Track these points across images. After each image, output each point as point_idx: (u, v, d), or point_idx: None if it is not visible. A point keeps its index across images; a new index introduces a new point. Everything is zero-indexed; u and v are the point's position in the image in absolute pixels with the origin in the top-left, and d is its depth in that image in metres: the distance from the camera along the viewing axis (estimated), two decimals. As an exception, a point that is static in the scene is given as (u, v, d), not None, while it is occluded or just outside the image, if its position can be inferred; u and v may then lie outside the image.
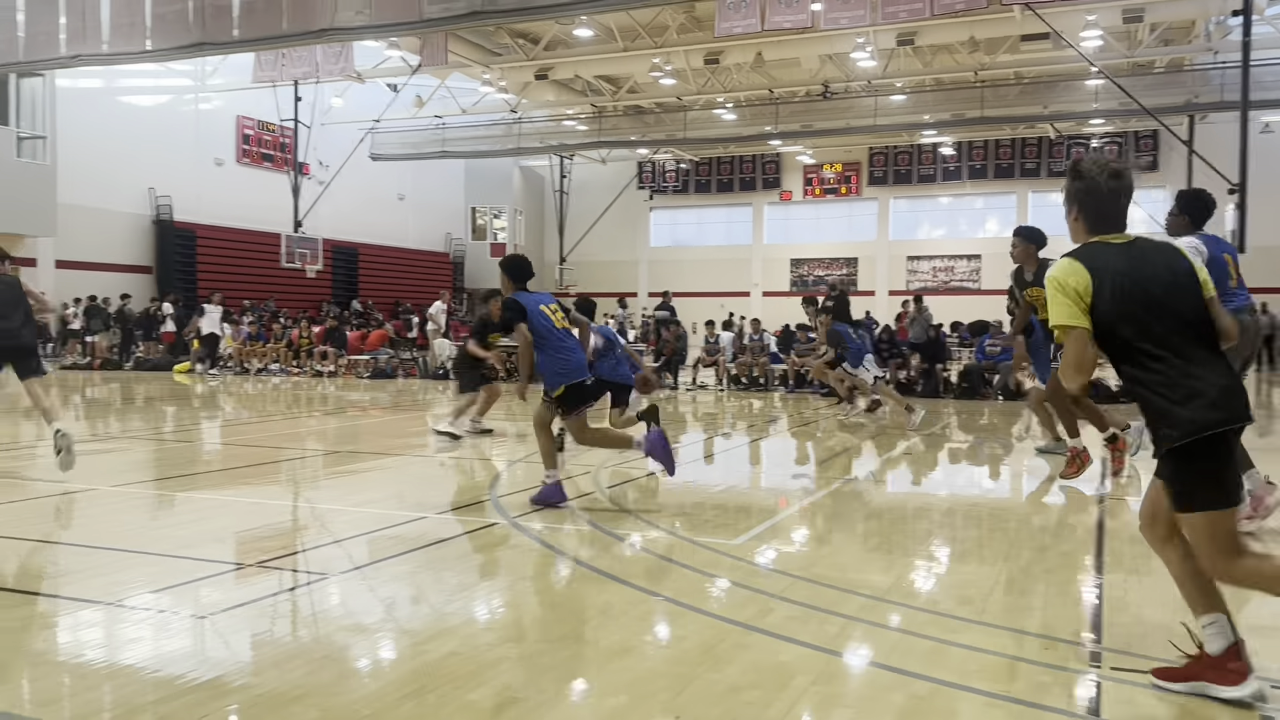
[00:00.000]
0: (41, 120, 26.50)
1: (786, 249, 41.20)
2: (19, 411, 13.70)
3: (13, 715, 3.08)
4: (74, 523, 6.29)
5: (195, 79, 31.04)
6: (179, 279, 29.94)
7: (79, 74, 25.70)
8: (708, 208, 42.90)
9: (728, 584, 4.70)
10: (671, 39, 26.00)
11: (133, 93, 29.64)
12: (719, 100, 31.99)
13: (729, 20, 20.39)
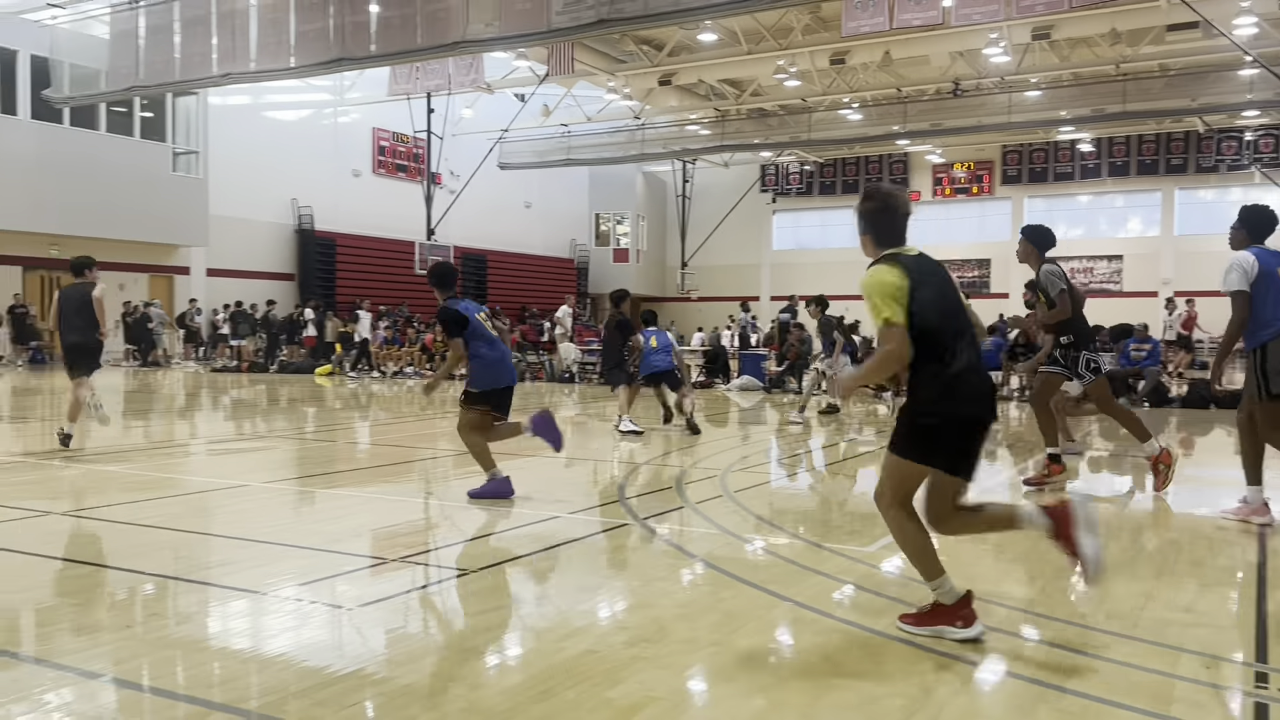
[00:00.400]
0: (195, 136, 28.10)
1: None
2: (174, 412, 14.52)
3: (194, 698, 3.27)
4: (227, 517, 6.63)
5: (334, 94, 32.40)
6: (319, 285, 31.29)
7: (228, 92, 27.13)
8: (832, 209, 42.31)
9: (862, 591, 4.63)
10: (796, 40, 25.76)
11: (277, 108, 31.13)
12: (844, 100, 31.52)
13: (856, 19, 20.08)
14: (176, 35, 21.68)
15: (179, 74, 21.81)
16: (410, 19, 18.48)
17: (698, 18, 18.18)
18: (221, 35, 20.77)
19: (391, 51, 19.33)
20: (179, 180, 27.63)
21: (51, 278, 26.59)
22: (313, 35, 19.56)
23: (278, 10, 19.98)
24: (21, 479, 7.83)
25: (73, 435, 9.11)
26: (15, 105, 24.30)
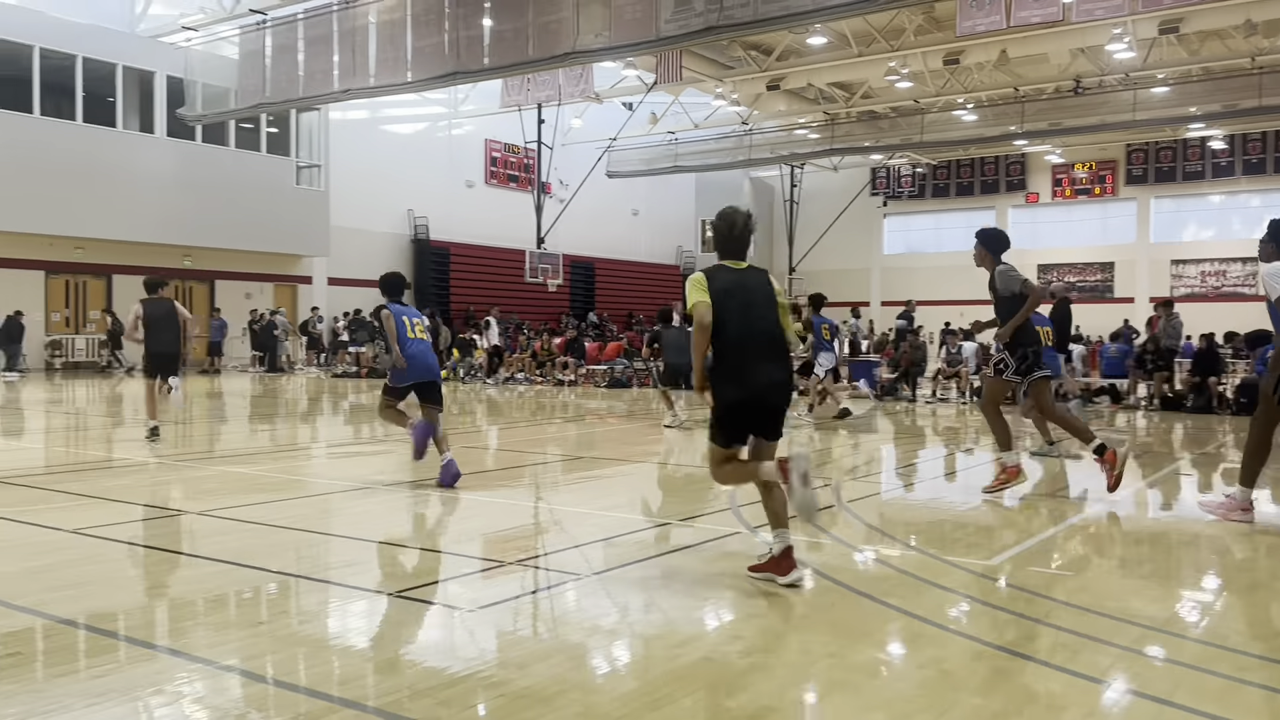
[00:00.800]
0: (317, 150, 29.17)
1: (1033, 254, 39.05)
2: (297, 415, 15.06)
3: (317, 693, 3.38)
4: (349, 518, 6.84)
5: (448, 106, 33.22)
6: (434, 294, 32.10)
7: (348, 107, 28.08)
8: (946, 212, 41.37)
9: (986, 606, 4.49)
10: (909, 41, 25.28)
11: (394, 122, 32.09)
12: (959, 101, 30.76)
13: (971, 18, 19.58)
14: (300, 54, 22.56)
15: (302, 91, 22.69)
16: (522, 31, 18.81)
17: (808, 21, 18.00)
18: (342, 52, 21.53)
19: (504, 64, 19.70)
20: (302, 193, 28.72)
21: (185, 287, 27.94)
22: (428, 50, 20.09)
23: (395, 27, 20.59)
24: (158, 479, 8.23)
25: (159, 426, 10.43)
26: (153, 124, 25.64)
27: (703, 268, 4.93)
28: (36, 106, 23.36)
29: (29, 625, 4.08)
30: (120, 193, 24.44)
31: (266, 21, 23.12)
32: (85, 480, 8.20)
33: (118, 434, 11.57)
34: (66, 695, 3.28)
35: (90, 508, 6.95)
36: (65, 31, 23.62)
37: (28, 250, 23.82)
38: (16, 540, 5.74)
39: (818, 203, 42.02)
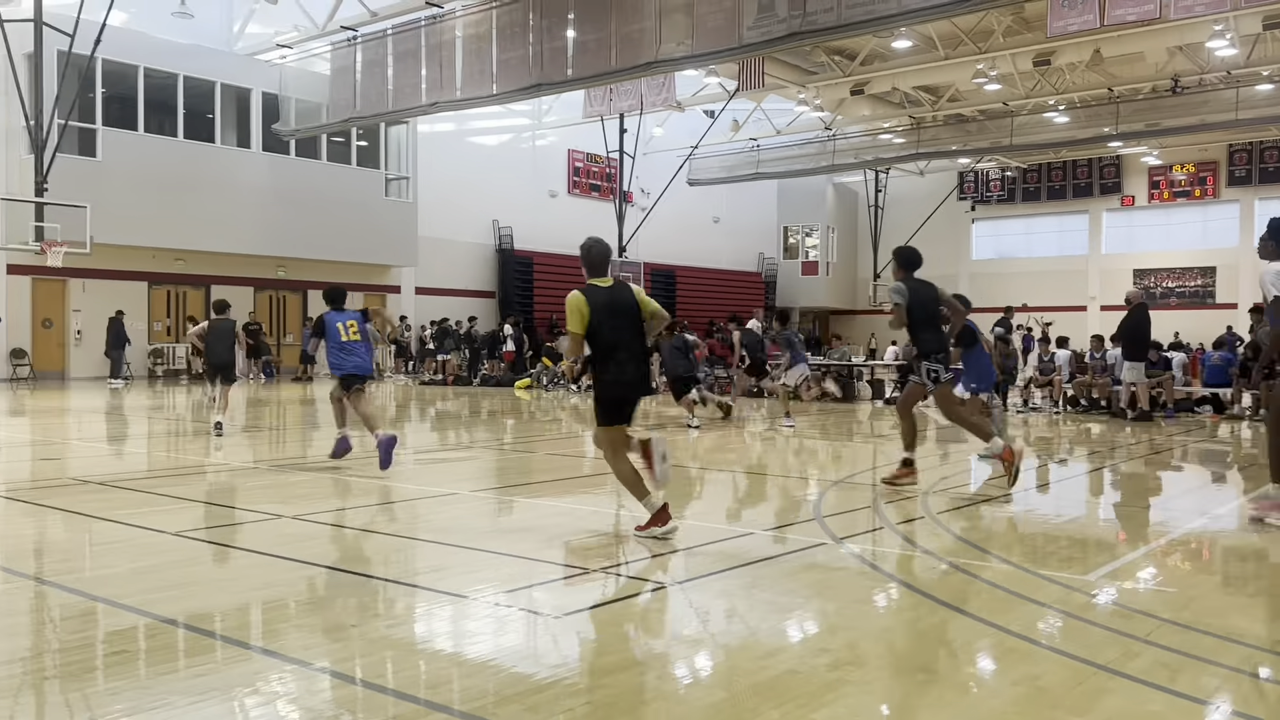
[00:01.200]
0: (405, 163, 29.81)
1: (1129, 259, 37.88)
2: (386, 423, 15.37)
3: (405, 695, 3.43)
4: (437, 524, 6.95)
5: (532, 118, 33.65)
6: (518, 302, 32.50)
7: (435, 120, 28.64)
8: (1037, 216, 40.38)
9: (1081, 622, 4.35)
10: (997, 43, 24.76)
11: (479, 134, 32.62)
12: (1050, 102, 30.01)
13: (1063, 18, 19.08)
14: (389, 68, 23.10)
15: (391, 104, 23.23)
16: (605, 42, 18.95)
17: (893, 25, 17.76)
18: (430, 66, 21.98)
19: (587, 75, 19.88)
20: (391, 204, 29.38)
21: (279, 297, 28.80)
22: (513, 63, 20.38)
23: (481, 41, 20.94)
24: (257, 483, 8.48)
25: (223, 423, 12.03)
26: (249, 139, 26.52)
27: (580, 287, 5.98)
28: (141, 124, 24.36)
29: (134, 624, 4.24)
30: (218, 206, 25.33)
31: (357, 38, 23.73)
32: (186, 484, 8.50)
33: (215, 440, 11.96)
34: (169, 693, 3.39)
35: (191, 511, 7.19)
36: (168, 52, 24.60)
37: (132, 262, 24.83)
38: (123, 541, 5.97)
39: (903, 207, 41.39)
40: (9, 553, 5.82)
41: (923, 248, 33.28)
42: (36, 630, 4.26)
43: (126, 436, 12.90)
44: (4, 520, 6.96)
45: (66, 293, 24.52)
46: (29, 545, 6.05)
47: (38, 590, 4.86)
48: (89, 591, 4.71)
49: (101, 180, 22.91)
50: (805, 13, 16.38)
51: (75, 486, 8.17)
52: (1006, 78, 26.95)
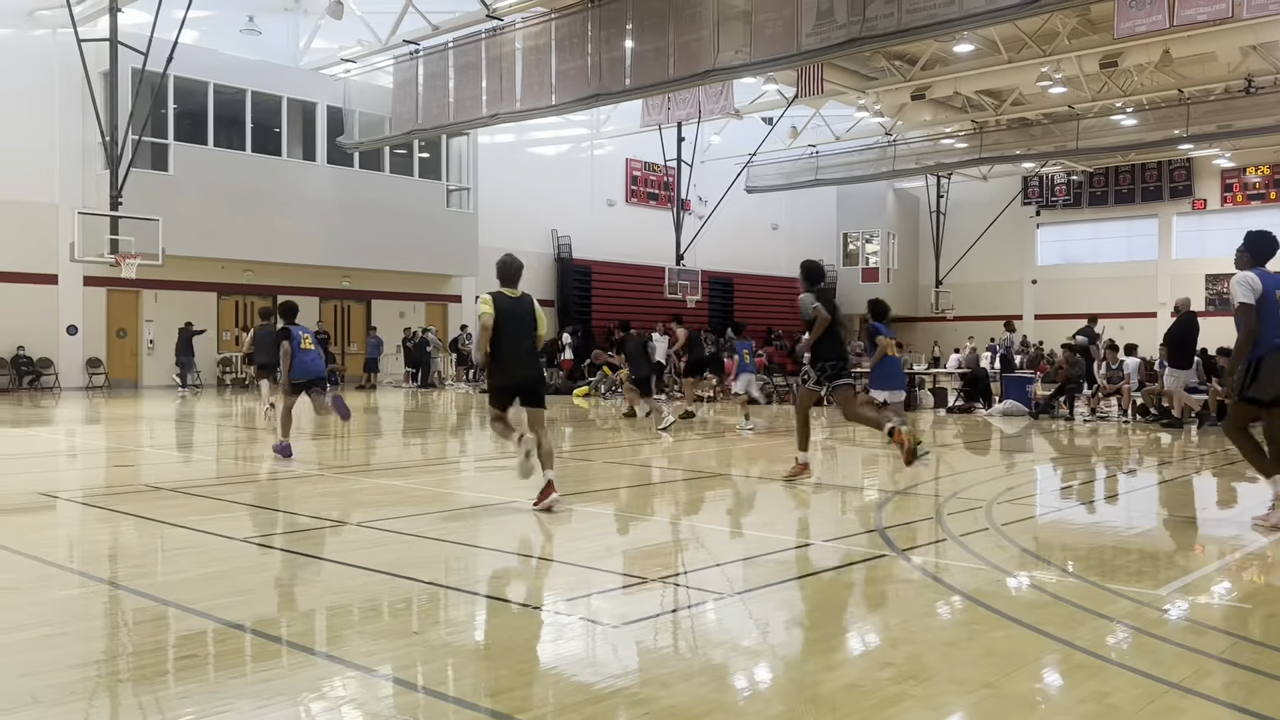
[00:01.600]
0: (466, 174, 30.19)
1: (1200, 264, 36.90)
2: (447, 430, 15.54)
3: (466, 703, 3.46)
4: (496, 531, 7.00)
5: (590, 128, 33.85)
6: (577, 311, 32.68)
7: (495, 131, 28.97)
8: (1104, 221, 39.55)
9: (1152, 637, 4.24)
10: (1062, 45, 24.30)
11: (538, 144, 32.91)
12: (1117, 105, 29.39)
13: (1130, 19, 18.67)
14: (450, 81, 23.43)
15: (453, 116, 23.54)
16: (663, 51, 19.00)
17: (955, 29, 17.52)
18: (490, 78, 22.24)
19: (645, 84, 19.95)
20: (452, 215, 29.76)
21: (344, 307, 29.31)
22: (572, 73, 20.53)
23: (540, 52, 21.14)
24: (322, 490, 8.63)
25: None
26: (314, 152, 27.07)
27: (495, 291, 7.45)
28: (210, 138, 25.00)
29: (203, 628, 4.34)
30: (285, 218, 25.89)
31: (419, 51, 24.10)
32: (253, 491, 8.68)
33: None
34: (238, 697, 3.46)
35: (258, 517, 7.35)
36: (236, 68, 25.23)
37: (202, 273, 25.47)
38: (194, 547, 6.12)
39: (966, 213, 40.82)
40: (85, 558, 6.00)
41: (986, 254, 33.12)
42: (111, 634, 4.38)
43: (196, 444, 13.22)
44: (81, 526, 7.18)
45: (140, 303, 25.24)
46: (104, 550, 6.23)
47: (112, 594, 5.00)
48: (161, 596, 4.83)
49: (173, 194, 23.56)
50: (865, 18, 16.25)
51: (148, 492, 8.39)
52: (1072, 80, 26.44)
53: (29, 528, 6.87)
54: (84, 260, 20.70)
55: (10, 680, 3.60)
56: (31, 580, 5.21)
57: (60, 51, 22.77)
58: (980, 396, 19.66)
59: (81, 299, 24.28)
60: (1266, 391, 6.50)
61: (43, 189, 23.41)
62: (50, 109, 23.38)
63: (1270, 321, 6.42)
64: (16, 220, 23.00)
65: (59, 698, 3.43)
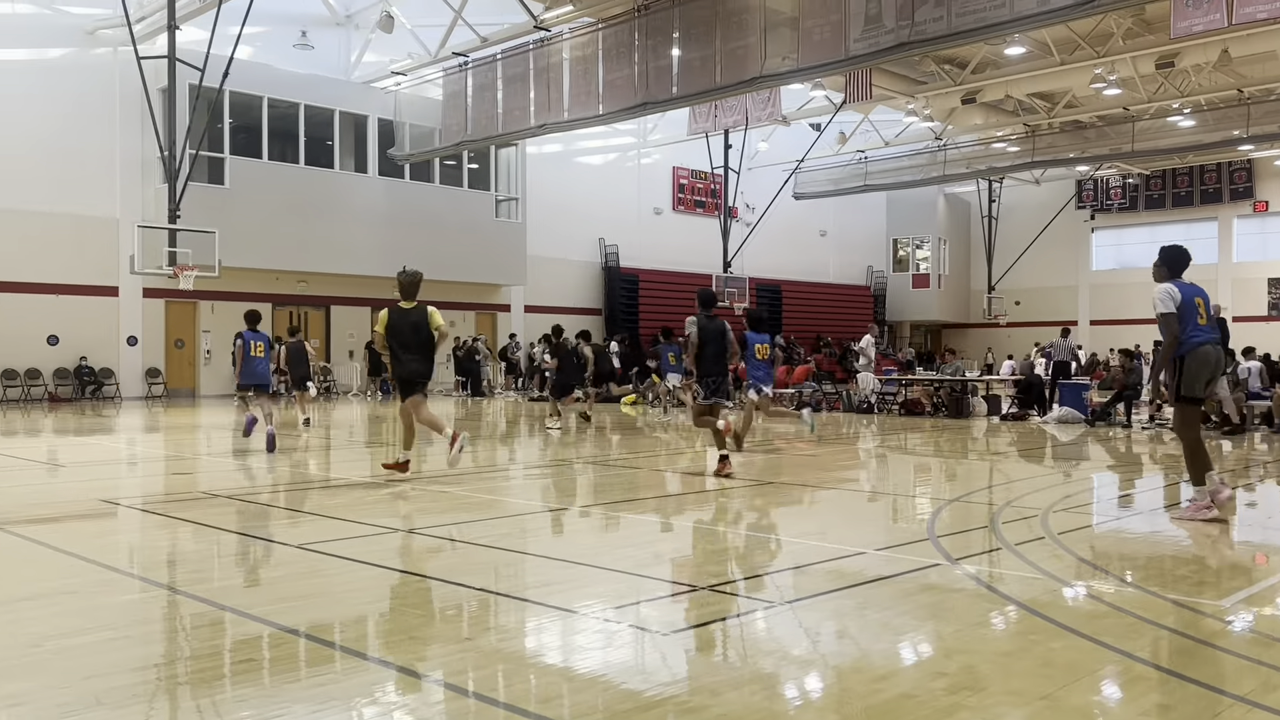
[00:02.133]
0: (514, 184, 30.44)
1: (1263, 267, 36.03)
2: (497, 438, 15.64)
3: (516, 709, 3.48)
4: (545, 539, 7.03)
5: (637, 136, 33.95)
6: (624, 319, 32.74)
7: (543, 141, 29.18)
8: (1161, 225, 38.77)
9: (1216, 650, 4.13)
10: (1116, 46, 23.91)
11: (585, 154, 33.07)
12: (1174, 106, 28.82)
13: (1187, 18, 18.32)
14: (499, 92, 23.66)
15: (501, 127, 23.76)
16: (710, 59, 19.01)
17: (1005, 32, 17.31)
18: (538, 89, 22.41)
19: (692, 92, 19.97)
20: (501, 225, 30.01)
21: (394, 317, 29.63)
22: (619, 83, 20.62)
23: (587, 62, 21.26)
24: (374, 497, 8.73)
25: (310, 419, 15.65)
26: (366, 164, 27.47)
27: (388, 307, 9.27)
28: (265, 152, 25.47)
29: (259, 633, 4.40)
30: (337, 229, 26.29)
31: (468, 63, 24.37)
32: (306, 498, 8.80)
33: (335, 456, 12.37)
34: (293, 701, 3.51)
35: (311, 524, 7.45)
36: (290, 82, 25.70)
37: (258, 284, 25.94)
38: (249, 553, 6.22)
39: (1018, 217, 40.27)
40: (145, 563, 6.13)
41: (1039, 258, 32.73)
42: (170, 638, 4.47)
43: (250, 452, 13.45)
44: (141, 532, 7.34)
45: (197, 314, 25.77)
46: (163, 556, 6.36)
47: (171, 599, 5.10)
48: (218, 601, 4.91)
49: (229, 206, 24.04)
50: (914, 22, 16.12)
51: (205, 499, 8.55)
52: (1127, 81, 26.01)
53: (92, 534, 7.04)
54: (143, 272, 21.20)
55: (76, 682, 3.68)
56: (94, 585, 5.33)
57: (120, 69, 23.39)
58: (1035, 403, 19.36)
59: (141, 310, 24.85)
60: (1196, 387, 7.14)
61: (104, 203, 24.03)
62: (111, 125, 23.99)
63: (1190, 325, 7.17)
64: (79, 234, 23.63)
65: (122, 700, 3.51)
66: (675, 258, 34.31)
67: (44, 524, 7.20)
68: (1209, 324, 7.31)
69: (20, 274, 22.86)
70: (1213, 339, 7.29)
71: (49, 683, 3.67)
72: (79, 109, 23.56)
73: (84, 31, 23.79)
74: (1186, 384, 7.15)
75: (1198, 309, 7.23)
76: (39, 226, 23.05)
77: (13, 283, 22.77)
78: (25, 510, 7.83)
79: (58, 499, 8.74)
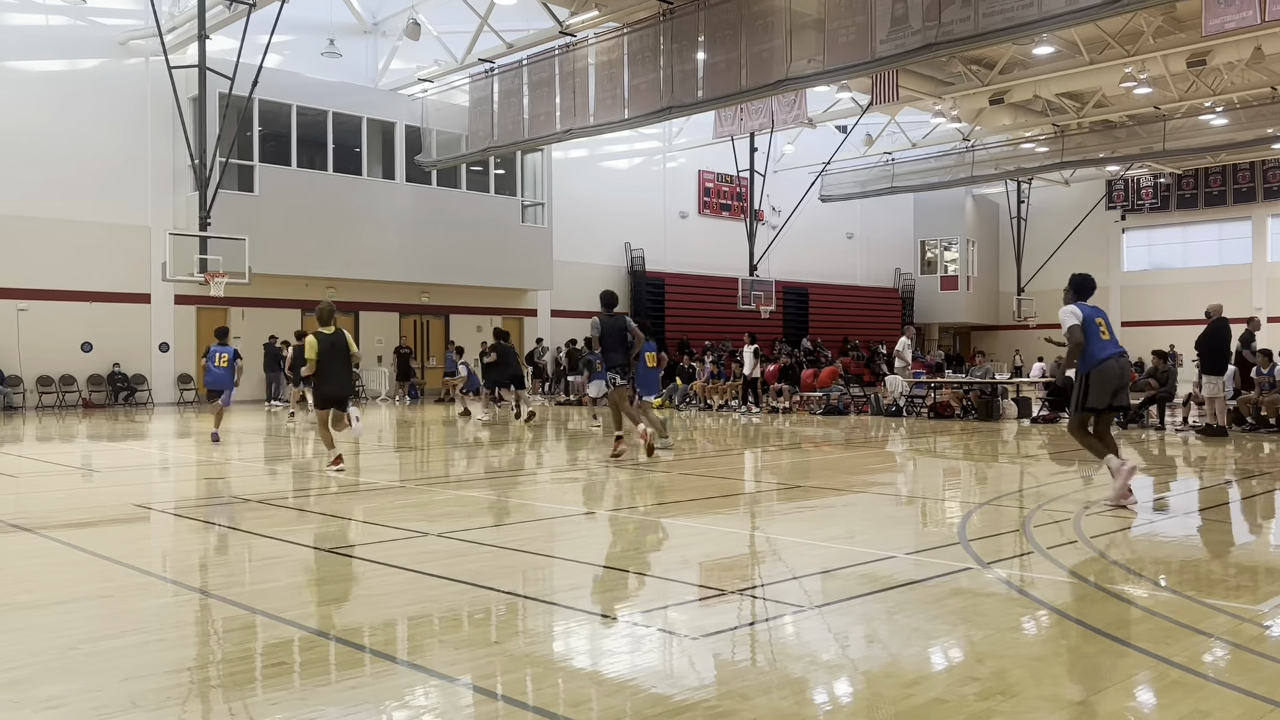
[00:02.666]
0: (540, 189, 30.53)
1: (1297, 266, 35.48)
2: (524, 442, 15.68)
3: (545, 712, 3.48)
4: (574, 542, 7.04)
5: (662, 140, 33.97)
6: (650, 323, 32.72)
7: (568, 146, 29.27)
8: (1194, 225, 38.32)
9: (1254, 655, 4.07)
10: (1147, 45, 23.65)
11: (611, 158, 33.13)
12: (1206, 104, 28.47)
13: (1219, 16, 18.10)
14: (525, 98, 23.73)
15: (527, 133, 23.84)
16: (735, 62, 18.98)
17: (1034, 32, 17.15)
18: (563, 94, 22.47)
19: (718, 96, 19.93)
20: (527, 230, 30.11)
21: (423, 322, 29.83)
22: (644, 87, 20.64)
23: (612, 67, 21.29)
24: (404, 502, 8.78)
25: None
26: (394, 170, 27.66)
27: (312, 333, 10.47)
28: (294, 159, 25.71)
29: (290, 636, 4.44)
30: (366, 235, 26.48)
31: (494, 69, 24.48)
32: (336, 502, 8.86)
33: (361, 461, 12.45)
34: (325, 704, 3.53)
35: (341, 528, 7.50)
36: (318, 90, 25.92)
37: (287, 291, 26.17)
38: (280, 557, 6.27)
39: (1048, 219, 39.92)
40: (178, 568, 6.19)
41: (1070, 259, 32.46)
42: (203, 641, 4.51)
43: (281, 457, 13.56)
44: (174, 537, 7.42)
45: (227, 321, 26.03)
46: (195, 560, 6.42)
47: (204, 603, 5.14)
48: (250, 605, 4.96)
49: (258, 214, 24.27)
50: (940, 23, 16.03)
51: (236, 504, 8.63)
52: (1158, 80, 25.72)
53: (126, 538, 7.12)
54: (175, 280, 21.44)
55: (113, 684, 3.73)
56: (129, 589, 5.39)
57: (152, 79, 23.70)
58: (1066, 406, 19.13)
59: (173, 317, 25.14)
60: (1100, 400, 7.97)
61: (137, 212, 24.34)
62: (143, 134, 24.31)
63: (1093, 343, 7.94)
64: (113, 242, 23.95)
65: (157, 702, 3.55)
66: (701, 261, 34.29)
67: (79, 528, 7.30)
68: (1111, 339, 8.11)
69: (55, 282, 23.19)
70: (1116, 353, 8.00)
71: (85, 685, 3.72)
72: (112, 119, 23.88)
73: (116, 43, 24.13)
74: (1093, 397, 7.96)
75: (1099, 327, 8.06)
76: (73, 235, 23.38)
77: (48, 290, 23.10)
78: (61, 515, 7.94)
79: (92, 504, 8.86)
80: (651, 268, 33.53)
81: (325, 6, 26.32)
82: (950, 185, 35.08)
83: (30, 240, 22.86)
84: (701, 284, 33.96)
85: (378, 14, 27.80)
